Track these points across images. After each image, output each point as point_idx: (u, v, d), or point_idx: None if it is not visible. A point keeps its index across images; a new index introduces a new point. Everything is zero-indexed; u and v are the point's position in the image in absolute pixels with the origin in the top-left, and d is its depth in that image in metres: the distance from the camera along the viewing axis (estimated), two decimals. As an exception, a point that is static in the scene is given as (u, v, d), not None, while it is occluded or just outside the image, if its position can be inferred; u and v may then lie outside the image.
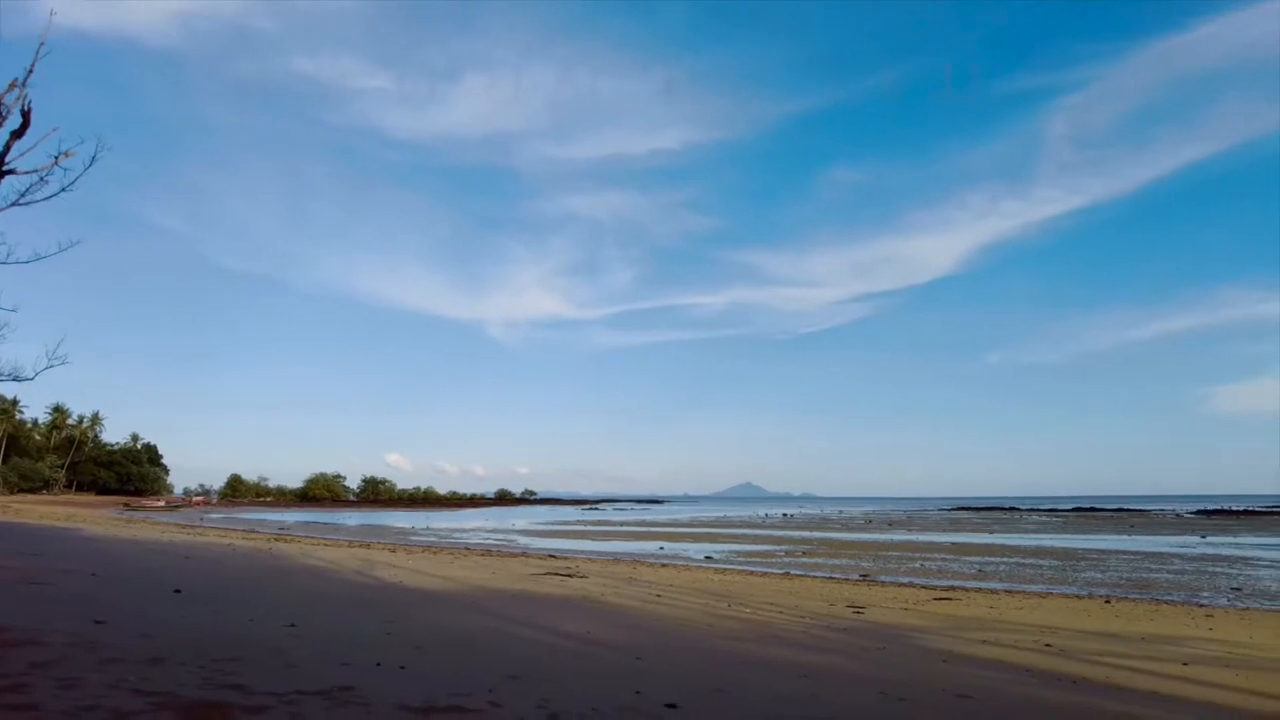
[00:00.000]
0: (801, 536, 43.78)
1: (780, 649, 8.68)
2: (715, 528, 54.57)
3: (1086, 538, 42.45)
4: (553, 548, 32.87)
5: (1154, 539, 40.78)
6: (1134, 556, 29.41)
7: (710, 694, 6.05)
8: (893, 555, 30.16)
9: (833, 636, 9.87)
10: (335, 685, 5.62)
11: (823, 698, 6.09)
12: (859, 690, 6.43)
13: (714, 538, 42.21)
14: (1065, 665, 8.08)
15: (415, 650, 7.39)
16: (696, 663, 7.55)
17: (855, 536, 43.87)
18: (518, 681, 6.13)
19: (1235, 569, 24.36)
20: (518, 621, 10.06)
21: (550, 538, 42.03)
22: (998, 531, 49.69)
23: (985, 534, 46.71)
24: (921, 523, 64.73)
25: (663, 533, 46.62)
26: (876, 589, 17.90)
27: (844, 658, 8.25)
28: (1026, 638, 10.17)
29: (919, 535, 45.05)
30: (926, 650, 8.94)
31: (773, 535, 45.16)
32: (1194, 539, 40.30)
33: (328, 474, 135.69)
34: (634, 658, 7.54)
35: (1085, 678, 7.38)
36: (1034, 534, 46.85)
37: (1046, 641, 9.78)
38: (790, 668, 7.39)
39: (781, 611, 12.40)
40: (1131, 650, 9.44)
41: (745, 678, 6.80)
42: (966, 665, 7.98)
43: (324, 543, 30.29)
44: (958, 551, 32.17)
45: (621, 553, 30.37)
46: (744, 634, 9.80)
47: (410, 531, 46.50)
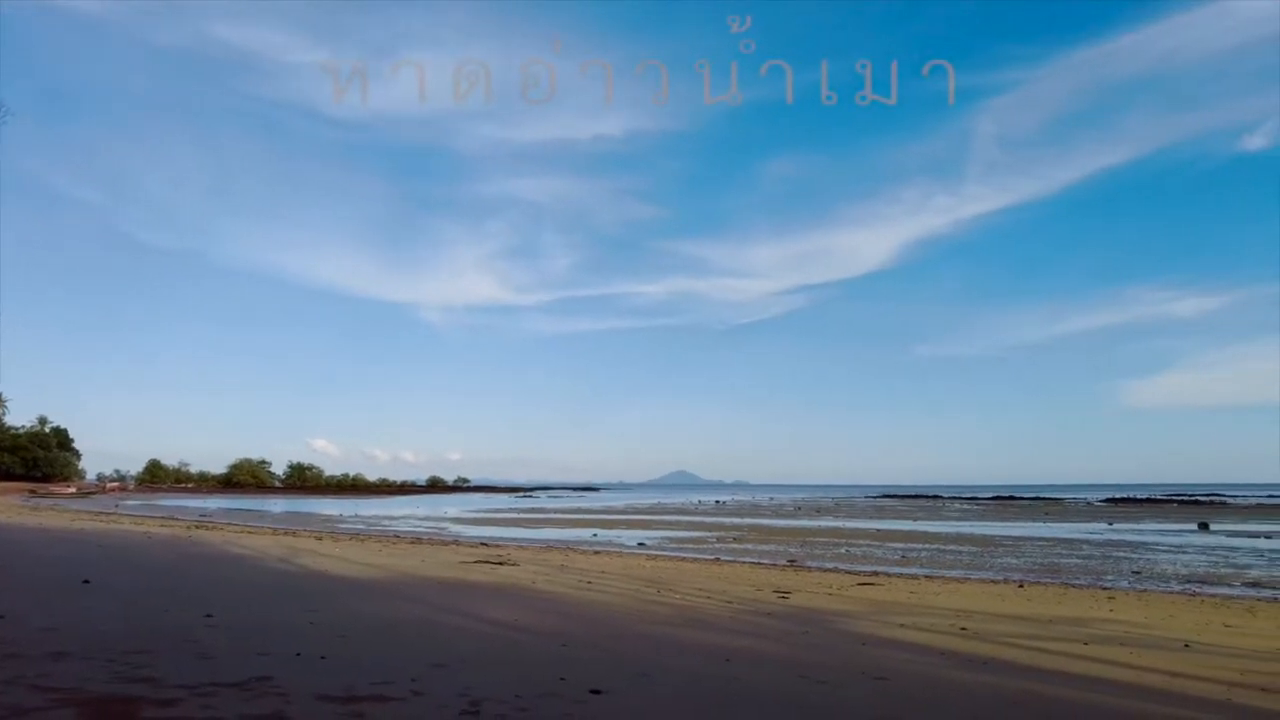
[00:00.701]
0: (733, 523, 44.45)
1: (706, 633, 8.81)
2: (649, 515, 54.95)
3: (1004, 525, 44.18)
4: (485, 535, 32.64)
5: (1066, 526, 42.69)
6: (1047, 543, 30.72)
7: (635, 678, 6.11)
8: (820, 541, 30.87)
9: (758, 621, 10.06)
10: (252, 676, 5.49)
11: (744, 680, 6.22)
12: (780, 673, 6.58)
13: (647, 525, 42.51)
14: (978, 647, 8.41)
15: (338, 639, 7.26)
16: (623, 648, 7.62)
17: (785, 523, 44.74)
18: (442, 670, 6.08)
19: (1137, 554, 25.70)
20: (445, 609, 9.97)
21: (482, 525, 41.71)
22: (921, 519, 51.31)
23: (909, 521, 48.18)
24: (849, 510, 66.41)
25: (597, 520, 46.73)
26: (803, 574, 18.30)
27: (768, 641, 8.43)
28: (944, 621, 10.53)
29: (846, 522, 46.21)
30: (848, 634, 9.20)
31: (705, 522, 45.73)
32: (1102, 526, 42.33)
33: (252, 459, 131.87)
34: (560, 644, 7.56)
35: (995, 658, 7.70)
36: (955, 521, 48.53)
37: (962, 625, 10.15)
38: (715, 651, 7.52)
39: (710, 597, 12.58)
40: (1040, 632, 9.87)
41: (670, 662, 6.89)
42: (885, 648, 8.24)
43: (247, 530, 29.45)
44: (882, 538, 33.12)
45: (554, 540, 30.35)
46: (671, 619, 9.92)
47: (338, 519, 45.54)
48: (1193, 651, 8.55)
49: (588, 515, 53.55)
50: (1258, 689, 6.51)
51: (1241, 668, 7.47)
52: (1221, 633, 10.26)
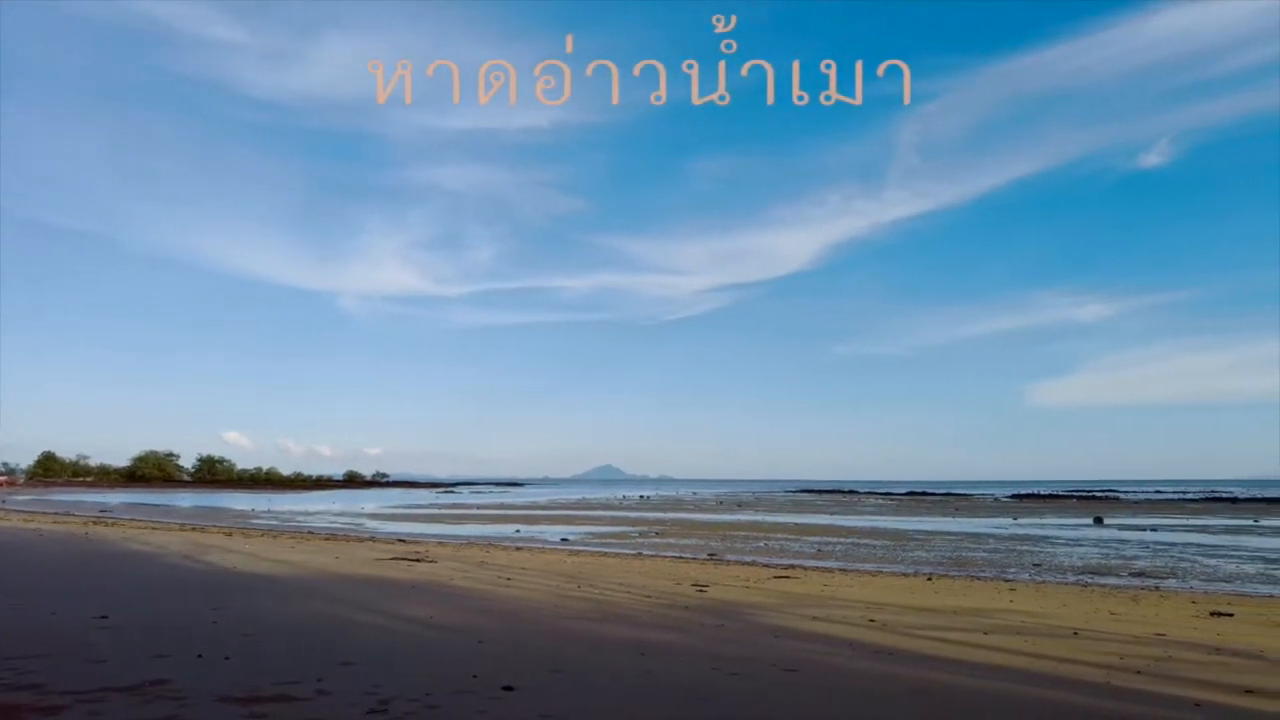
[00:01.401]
0: (656, 518, 44.78)
1: (623, 628, 8.88)
2: (573, 510, 54.86)
3: (916, 520, 45.75)
4: (403, 532, 32.04)
5: (974, 521, 44.47)
6: (956, 537, 31.95)
7: (549, 674, 6.13)
8: (739, 535, 31.39)
9: (676, 614, 10.19)
10: (147, 680, 5.28)
11: (657, 674, 6.30)
12: (693, 665, 6.69)
13: (571, 520, 42.44)
14: (884, 638, 8.71)
15: (243, 639, 7.05)
16: (539, 644, 7.61)
17: (706, 518, 45.32)
18: (351, 668, 5.97)
19: (1038, 547, 26.98)
20: (358, 607, 9.78)
21: (401, 521, 40.93)
22: (837, 513, 52.70)
23: (825, 515, 49.44)
24: (768, 504, 67.67)
25: (520, 516, 46.42)
26: (722, 568, 18.60)
27: (684, 635, 8.55)
28: (854, 613, 10.86)
29: (765, 516, 47.10)
30: (762, 626, 9.40)
31: (629, 517, 45.93)
32: (1007, 521, 44.26)
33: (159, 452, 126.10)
34: (476, 641, 7.51)
35: (900, 649, 7.99)
36: (870, 516, 50.02)
37: (871, 617, 10.48)
38: (631, 646, 7.59)
39: (629, 591, 12.67)
40: (944, 623, 10.28)
41: (586, 657, 6.92)
42: (797, 640, 8.46)
43: (151, 526, 28.19)
44: (799, 532, 33.88)
45: (475, 536, 30.03)
46: (590, 614, 9.95)
47: (250, 514, 44.00)
48: (1080, 638, 9.05)
49: (510, 511, 53.13)
50: (1133, 671, 6.95)
51: (1121, 652, 7.95)
52: (1107, 620, 10.89)
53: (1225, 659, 7.89)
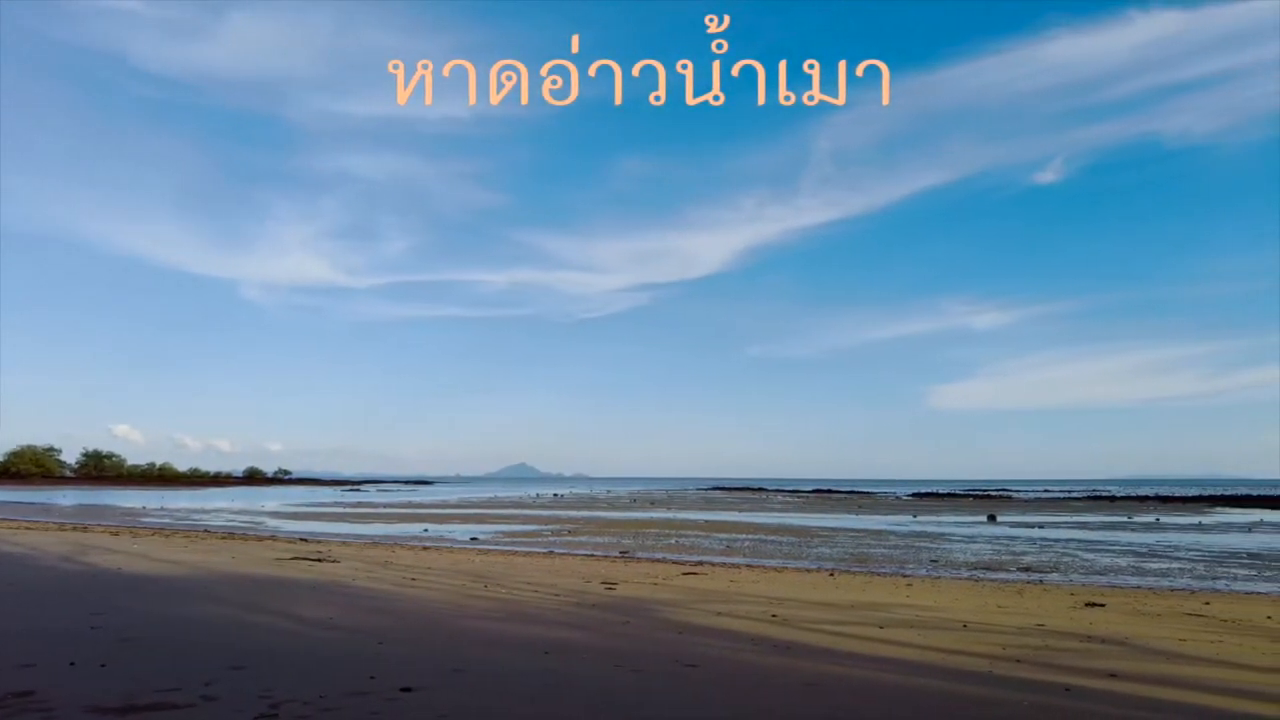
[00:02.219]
0: (569, 516, 44.66)
1: (529, 627, 8.83)
2: (484, 509, 54.18)
3: (822, 517, 47.06)
4: (305, 530, 31.00)
5: (876, 518, 46.05)
6: (859, 534, 33.01)
7: (449, 674, 6.04)
8: (651, 533, 31.63)
9: (582, 613, 10.19)
10: (10, 692, 4.96)
11: (560, 672, 6.30)
12: (596, 663, 6.72)
13: (482, 519, 41.90)
14: (785, 633, 8.93)
15: (124, 644, 6.69)
16: (441, 644, 7.50)
17: (619, 515, 45.49)
18: (241, 672, 5.75)
19: (935, 544, 28.15)
20: (253, 608, 9.41)
21: (304, 520, 39.59)
22: (746, 510, 53.73)
23: (736, 512, 50.33)
24: (680, 502, 68.41)
25: (429, 514, 45.54)
26: (632, 565, 18.70)
27: (589, 633, 8.57)
28: (757, 608, 11.10)
29: (677, 514, 47.60)
30: (667, 623, 9.50)
31: (541, 515, 45.66)
32: (908, 518, 46.00)
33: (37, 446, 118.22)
34: (376, 642, 7.34)
35: (798, 643, 8.21)
36: (778, 513, 51.16)
37: (773, 612, 10.73)
38: (535, 644, 7.55)
39: (537, 590, 12.60)
40: (843, 617, 10.61)
41: (488, 657, 6.86)
42: (700, 636, 8.59)
43: (25, 526, 26.41)
44: (710, 529, 34.38)
45: (381, 535, 29.30)
46: (495, 613, 9.86)
47: (140, 512, 41.77)
48: (969, 630, 9.49)
49: (419, 510, 52.06)
50: (1014, 660, 7.35)
51: (1004, 643, 8.38)
52: (995, 613, 11.46)
53: (1095, 646, 8.42)
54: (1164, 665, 7.42)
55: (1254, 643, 8.94)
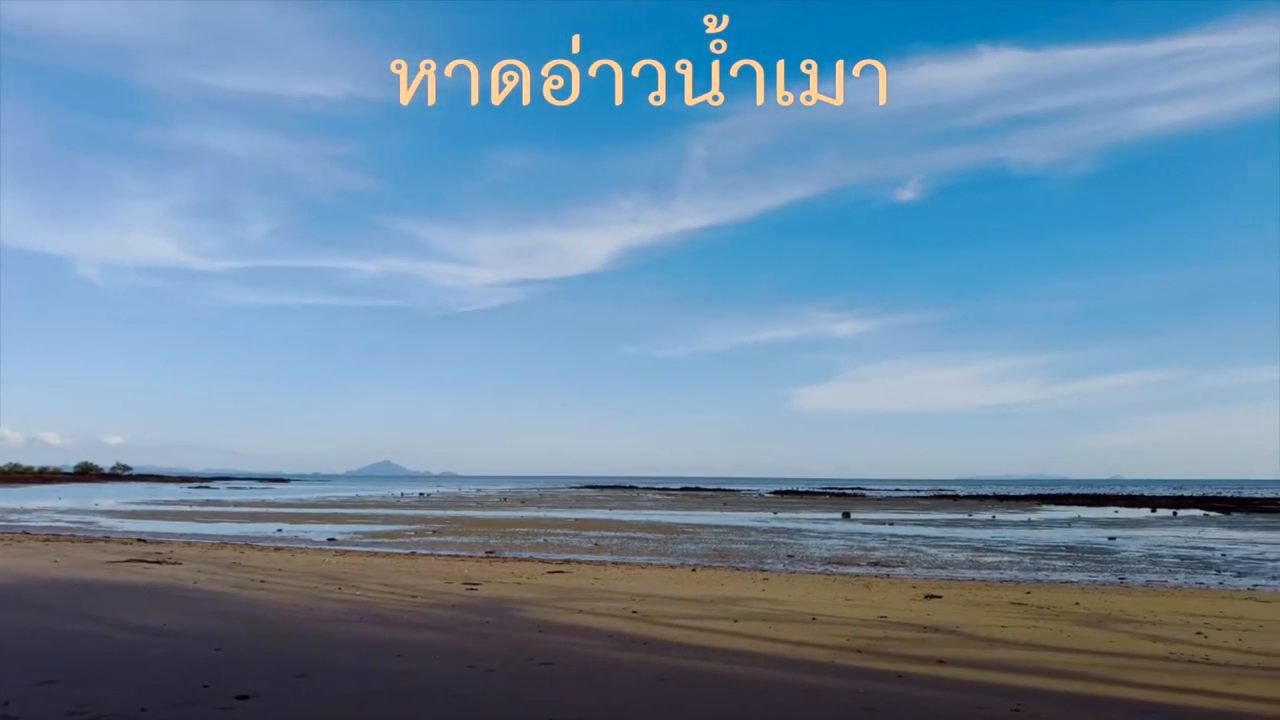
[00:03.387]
0: (435, 515, 43.60)
1: (383, 629, 8.58)
2: (344, 508, 52.08)
3: (689, 514, 48.08)
4: (144, 530, 28.82)
5: (740, 515, 47.49)
6: (723, 530, 33.94)
7: (291, 680, 5.79)
8: (520, 532, 31.36)
9: (441, 613, 10.00)
10: None
11: (411, 673, 6.16)
12: (450, 663, 6.61)
13: (341, 518, 40.27)
14: (643, 628, 9.08)
15: (-88, 659, 6.02)
16: (286, 649, 7.16)
17: (488, 514, 44.83)
18: (52, 686, 5.30)
19: (793, 540, 29.34)
20: (74, 616, 8.68)
21: (143, 519, 36.80)
22: (617, 508, 54.16)
23: (606, 510, 50.64)
24: (552, 500, 68.18)
25: (284, 514, 43.33)
26: (498, 565, 18.48)
27: (446, 634, 8.41)
28: (619, 605, 11.22)
29: (547, 512, 47.40)
30: (527, 622, 9.46)
31: (405, 515, 44.33)
32: (768, 515, 47.68)
33: None
34: (213, 648, 6.93)
35: (656, 638, 8.37)
36: (647, 510, 51.88)
37: (634, 609, 10.88)
38: (388, 646, 7.35)
39: (394, 592, 12.25)
40: (701, 612, 10.89)
41: (336, 660, 6.61)
42: (559, 634, 8.61)
43: None
44: (579, 527, 34.45)
45: (231, 535, 27.64)
46: (348, 616, 9.51)
47: (-55, 513, 37.57)
48: (818, 623, 9.95)
49: (274, 509, 49.44)
50: (855, 650, 7.78)
51: (849, 634, 8.85)
52: (842, 605, 12.06)
53: (929, 635, 9.02)
54: (985, 650, 8.05)
55: (1062, 626, 9.83)
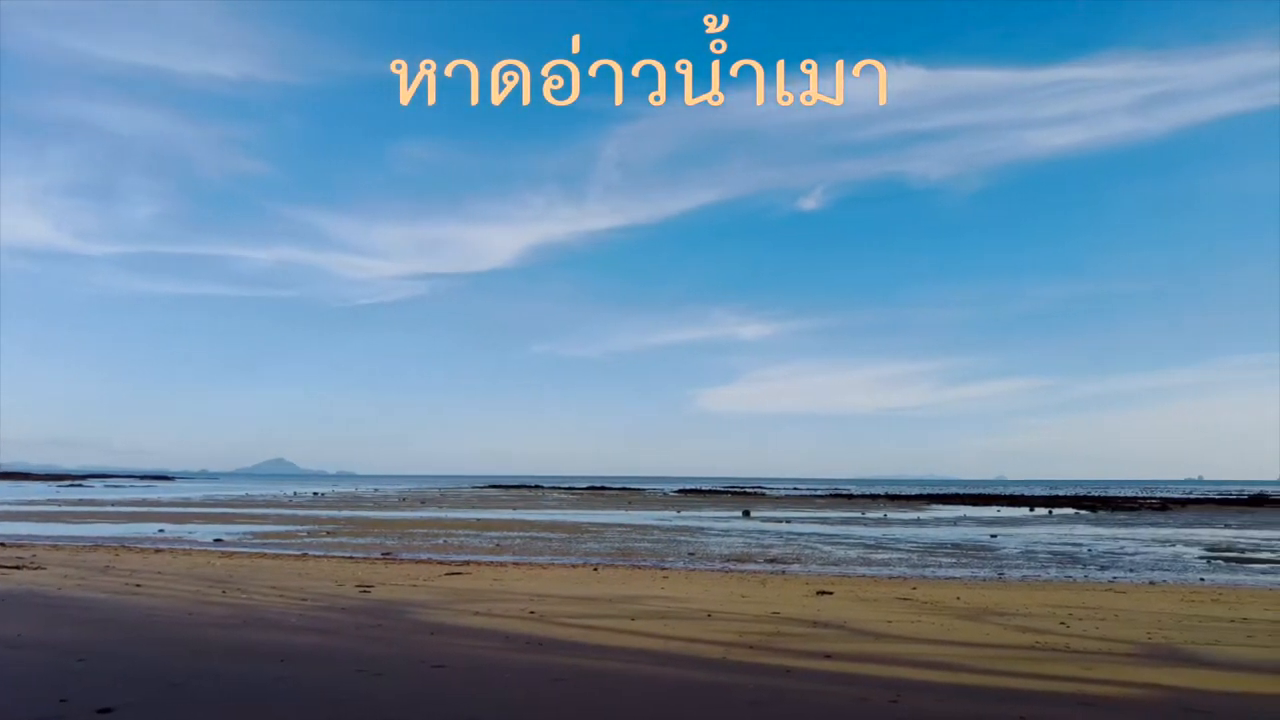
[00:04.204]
0: (330, 515, 42.20)
1: (267, 633, 8.25)
2: (233, 507, 49.74)
3: (593, 513, 48.13)
4: (3, 534, 26.76)
5: (644, 514, 47.85)
6: (627, 529, 34.12)
7: (163, 690, 5.50)
8: (419, 533, 30.68)
9: (331, 617, 9.68)
10: None
11: (292, 679, 5.94)
12: (336, 669, 6.41)
13: (229, 518, 38.46)
14: (540, 628, 9.03)
15: None
16: (160, 657, 6.79)
17: (386, 515, 43.69)
18: (-114, 704, 4.86)
19: (694, 538, 29.76)
20: (-83, 627, 7.99)
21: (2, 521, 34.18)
22: (521, 508, 53.70)
23: (509, 510, 50.14)
24: (454, 500, 67.01)
25: (167, 514, 41.09)
26: (393, 567, 18.03)
27: (334, 637, 8.15)
28: (517, 606, 11.12)
29: (449, 513, 46.56)
30: (421, 624, 9.27)
31: (298, 515, 42.73)
32: (671, 514, 48.23)
33: None
34: (76, 659, 6.50)
35: (552, 638, 8.34)
36: (551, 510, 51.65)
37: (532, 609, 10.81)
38: (272, 652, 7.07)
39: (283, 595, 11.79)
40: (600, 611, 10.92)
41: (214, 668, 6.31)
42: (453, 636, 8.47)
43: None
44: (481, 527, 33.99)
45: (105, 537, 26.01)
46: (231, 621, 9.10)
47: None
48: (713, 619, 10.13)
49: (155, 508, 46.82)
50: (747, 646, 7.96)
51: (742, 630, 9.05)
52: (738, 602, 12.32)
53: (819, 630, 9.32)
54: (871, 644, 8.38)
55: (943, 620, 10.33)
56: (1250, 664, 7.60)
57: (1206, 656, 7.92)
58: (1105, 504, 62.23)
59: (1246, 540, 30.15)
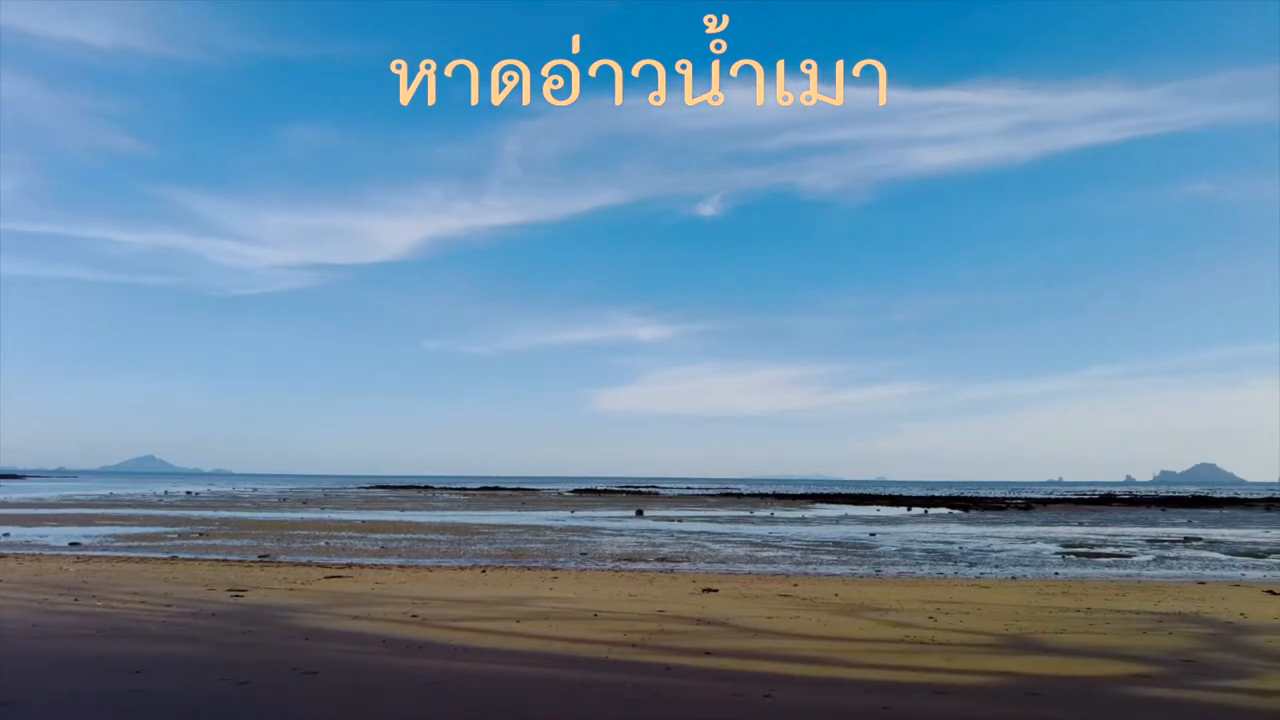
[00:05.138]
0: (203, 516, 39.99)
1: (123, 643, 7.75)
2: (94, 508, 46.40)
3: (485, 514, 47.44)
4: None
5: (537, 514, 47.52)
6: (519, 530, 33.79)
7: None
8: (300, 535, 29.48)
9: (198, 624, 9.18)
10: None
11: (149, 691, 5.61)
12: (198, 677, 6.09)
13: (90, 519, 35.89)
14: (422, 632, 8.84)
15: None
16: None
17: (265, 515, 41.76)
18: None
19: (587, 538, 29.78)
20: None
21: None
22: (410, 509, 52.35)
23: (397, 511, 48.81)
24: (339, 501, 64.69)
25: (13, 515, 37.97)
26: (270, 570, 17.27)
27: (198, 645, 7.74)
28: (398, 609, 10.84)
29: (333, 514, 44.92)
30: (295, 629, 8.92)
31: (169, 515, 40.30)
32: (566, 514, 48.11)
33: None
34: (-104, 676, 5.93)
35: (433, 642, 8.19)
36: (442, 511, 50.59)
37: (414, 612, 10.57)
38: (125, 662, 6.65)
39: (145, 601, 11.10)
40: (484, 613, 10.77)
41: (56, 683, 5.89)
42: (330, 641, 8.19)
43: None
44: (367, 529, 32.95)
45: (-59, 541, 23.78)
46: (83, 630, 8.50)
47: None
48: (599, 619, 10.17)
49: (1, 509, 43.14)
50: (630, 645, 8.03)
51: (627, 629, 9.12)
52: (625, 601, 12.41)
53: (702, 628, 9.50)
54: (750, 641, 8.61)
55: (821, 616, 10.72)
56: (1089, 650, 8.24)
57: (1053, 645, 8.54)
58: (976, 504, 66.03)
59: (1095, 536, 32.63)
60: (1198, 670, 7.16)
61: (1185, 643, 8.78)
